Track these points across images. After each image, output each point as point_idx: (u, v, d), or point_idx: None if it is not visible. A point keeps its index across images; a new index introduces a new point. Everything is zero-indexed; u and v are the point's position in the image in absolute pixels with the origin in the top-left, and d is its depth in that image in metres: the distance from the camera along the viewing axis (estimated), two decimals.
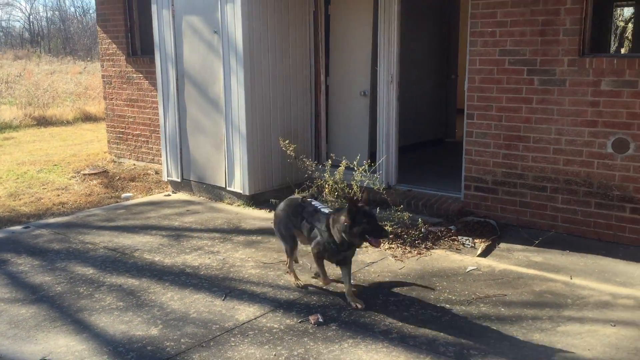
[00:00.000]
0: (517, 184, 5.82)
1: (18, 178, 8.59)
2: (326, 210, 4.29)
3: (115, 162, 9.68)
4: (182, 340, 3.77)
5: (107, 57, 9.65)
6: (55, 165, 9.47)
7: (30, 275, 4.89)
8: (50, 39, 44.91)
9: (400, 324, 3.94)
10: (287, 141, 6.45)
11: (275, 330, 3.88)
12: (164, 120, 7.46)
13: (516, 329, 3.83)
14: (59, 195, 7.55)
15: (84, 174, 8.76)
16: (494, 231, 5.66)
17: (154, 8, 7.21)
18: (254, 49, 6.54)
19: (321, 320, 4.00)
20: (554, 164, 5.56)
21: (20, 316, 4.14)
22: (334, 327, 3.91)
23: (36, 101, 16.14)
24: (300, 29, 7.08)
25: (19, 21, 53.73)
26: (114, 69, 9.56)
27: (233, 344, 3.71)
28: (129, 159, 9.61)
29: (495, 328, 3.85)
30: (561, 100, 5.42)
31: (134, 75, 9.21)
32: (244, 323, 3.98)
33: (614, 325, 3.84)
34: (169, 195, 7.48)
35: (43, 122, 14.65)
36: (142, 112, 9.22)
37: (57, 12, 46.94)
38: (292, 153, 6.36)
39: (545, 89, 5.50)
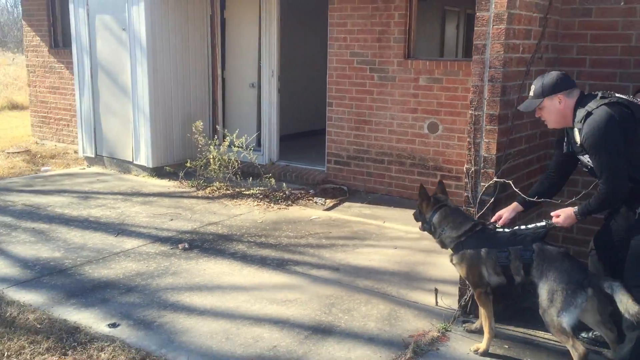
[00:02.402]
0: (364, 158, 7.34)
1: None
2: None
3: (38, 143, 10.70)
4: (78, 259, 5.04)
5: (32, 49, 10.66)
6: None
7: None
8: None
9: (246, 249, 5.35)
10: (199, 124, 7.68)
11: (151, 253, 5.22)
12: (80, 103, 8.63)
13: (327, 250, 5.31)
14: None
15: (8, 152, 9.76)
16: (345, 194, 7.17)
17: (71, 7, 8.38)
18: (157, 45, 7.82)
19: (187, 246, 5.36)
20: (389, 142, 7.11)
21: None
22: (195, 252, 5.28)
23: None
24: (200, 29, 8.41)
25: None
26: (37, 59, 10.59)
27: (117, 261, 5.02)
28: (51, 140, 10.65)
29: (312, 250, 5.32)
30: (393, 92, 6.97)
31: (56, 65, 10.28)
32: (129, 249, 5.29)
33: (396, 248, 5.39)
34: (83, 168, 8.65)
35: None
36: (63, 99, 10.29)
37: None
38: (199, 130, 7.60)
39: (382, 84, 7.04)
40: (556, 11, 4.35)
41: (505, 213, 3.65)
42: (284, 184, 7.16)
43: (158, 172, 8.07)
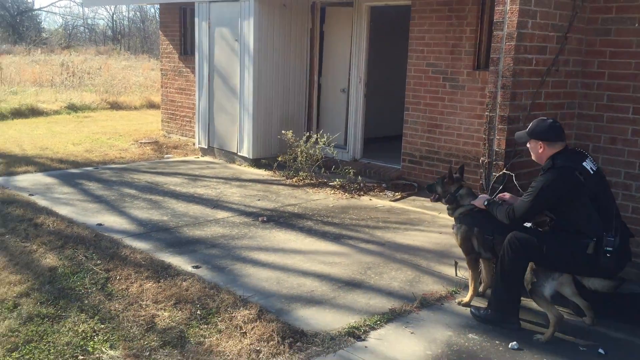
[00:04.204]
0: (434, 158, 8.12)
1: (93, 142, 11.48)
2: None
3: (165, 136, 12.48)
4: (179, 222, 6.35)
5: (166, 55, 12.48)
6: (121, 136, 12.33)
7: (95, 190, 7.61)
8: (130, 38, 49.29)
9: (312, 225, 6.39)
10: (286, 126, 8.89)
11: (236, 222, 6.42)
12: (198, 103, 10.16)
13: (380, 231, 6.22)
14: (120, 153, 10.35)
15: (140, 142, 11.56)
16: (414, 190, 8.00)
17: (196, 20, 9.93)
18: (262, 53, 9.12)
19: (265, 220, 6.50)
20: (457, 144, 7.84)
21: (88, 207, 6.83)
22: (271, 224, 6.40)
23: (111, 89, 19.35)
24: (300, 40, 9.62)
25: (103, 19, 58.62)
26: (169, 64, 12.38)
27: (208, 226, 6.26)
28: (176, 134, 12.38)
29: (367, 230, 6.26)
30: (462, 99, 7.71)
31: (184, 69, 11.98)
32: (219, 219, 6.53)
33: (440, 233, 6.17)
34: (197, 157, 10.17)
35: (115, 106, 17.74)
36: (188, 98, 11.97)
37: (138, 12, 51.23)
38: (288, 134, 8.78)
39: (453, 91, 7.80)
40: (580, 30, 4.98)
41: (507, 196, 4.38)
42: (359, 177, 8.12)
43: (256, 162, 9.35)
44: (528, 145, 4.10)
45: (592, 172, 3.80)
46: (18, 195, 7.09)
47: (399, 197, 7.68)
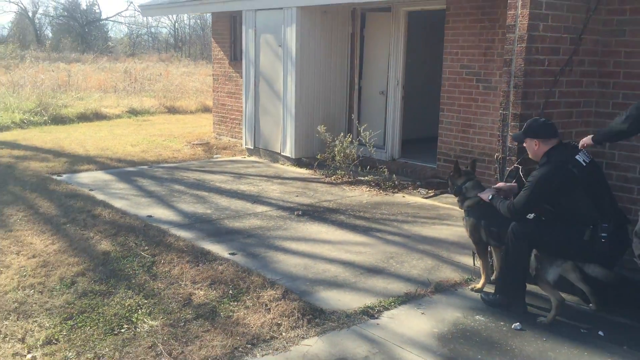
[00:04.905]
0: (468, 157, 8.34)
1: (149, 143, 12.24)
2: None
3: (216, 138, 13.14)
4: (221, 215, 6.87)
5: (217, 61, 13.15)
6: (175, 137, 13.07)
7: (147, 186, 8.25)
8: (191, 45, 51.04)
9: (344, 219, 6.78)
10: (323, 126, 9.33)
11: (273, 216, 6.88)
12: (245, 106, 10.73)
13: (407, 224, 6.55)
14: (173, 153, 11.03)
15: (193, 144, 12.25)
16: (447, 188, 8.25)
17: (243, 28, 10.51)
18: (304, 58, 9.59)
19: (300, 214, 6.94)
20: (490, 144, 8.05)
21: (140, 201, 7.45)
22: (305, 218, 6.83)
23: (169, 95, 20.33)
24: (341, 45, 10.04)
25: (165, 28, 60.83)
26: (220, 70, 13.04)
27: (247, 218, 6.75)
28: (226, 136, 13.02)
29: (395, 224, 6.60)
30: (494, 100, 7.92)
31: (234, 74, 12.60)
32: (258, 212, 7.01)
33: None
34: (244, 157, 10.74)
35: (172, 110, 18.66)
36: (237, 102, 12.58)
37: (199, 20, 52.95)
38: (322, 130, 9.25)
39: (486, 92, 8.03)
40: (596, 32, 5.19)
41: (501, 184, 4.66)
42: (394, 175, 8.45)
43: (298, 162, 9.82)
44: (524, 144, 4.37)
45: (584, 164, 4.04)
46: (79, 190, 7.80)
47: (431, 194, 7.97)
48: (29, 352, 3.78)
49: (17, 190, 7.73)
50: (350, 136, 8.89)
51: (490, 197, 4.51)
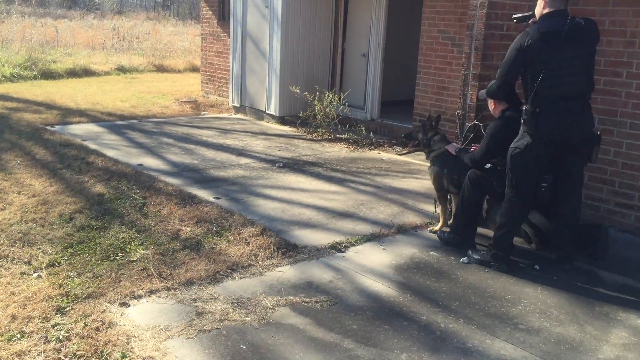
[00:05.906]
0: (442, 118, 8.85)
1: (138, 99, 12.61)
2: None
3: (204, 96, 13.52)
4: (207, 165, 7.36)
5: (205, 20, 13.44)
6: (164, 95, 13.44)
7: (137, 138, 8.70)
8: (179, 4, 50.56)
9: (321, 171, 7.31)
10: (297, 87, 9.77)
11: (255, 167, 7.39)
12: (232, 65, 11.12)
13: (379, 177, 7.09)
14: (162, 109, 11.43)
15: (181, 101, 12.63)
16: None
17: None
18: (289, 19, 9.96)
19: (281, 166, 7.45)
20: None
21: (131, 151, 7.91)
22: (285, 169, 7.35)
23: (157, 53, 20.53)
24: (326, 7, 10.41)
25: None
26: (209, 29, 13.34)
27: (232, 169, 7.25)
28: (214, 95, 13.40)
29: (369, 175, 7.14)
30: None
31: (221, 34, 12.92)
32: (242, 164, 7.51)
33: None
34: (230, 114, 11.18)
35: (161, 69, 18.91)
36: (224, 61, 12.93)
37: None
38: (296, 90, 9.65)
39: (460, 56, 8.48)
40: None
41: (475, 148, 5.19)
42: (372, 134, 8.96)
43: (282, 120, 10.29)
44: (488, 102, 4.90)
45: None
46: (72, 140, 8.24)
47: (405, 151, 8.50)
48: (34, 272, 4.30)
49: (13, 139, 8.16)
50: (330, 96, 9.35)
51: (457, 150, 5.04)
